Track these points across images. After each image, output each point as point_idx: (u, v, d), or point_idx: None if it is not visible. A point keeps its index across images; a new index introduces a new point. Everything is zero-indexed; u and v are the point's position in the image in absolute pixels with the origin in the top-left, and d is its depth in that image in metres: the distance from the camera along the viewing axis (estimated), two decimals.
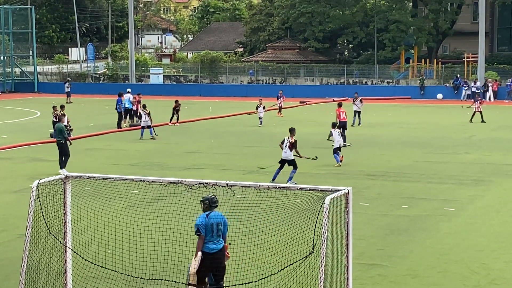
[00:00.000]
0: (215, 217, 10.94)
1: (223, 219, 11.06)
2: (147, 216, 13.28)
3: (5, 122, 42.67)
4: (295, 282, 10.90)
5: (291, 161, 21.76)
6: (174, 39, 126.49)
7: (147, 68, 76.38)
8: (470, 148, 30.53)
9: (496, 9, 73.00)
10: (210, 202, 10.98)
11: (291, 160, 21.74)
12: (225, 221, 11.09)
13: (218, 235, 10.94)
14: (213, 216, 10.93)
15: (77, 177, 11.53)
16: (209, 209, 10.98)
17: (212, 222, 10.87)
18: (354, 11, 75.50)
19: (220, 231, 10.95)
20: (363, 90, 63.66)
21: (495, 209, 18.93)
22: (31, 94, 68.78)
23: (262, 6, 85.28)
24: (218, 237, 10.95)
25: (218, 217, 10.99)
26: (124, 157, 28.39)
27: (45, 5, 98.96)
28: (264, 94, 65.01)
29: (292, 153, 21.76)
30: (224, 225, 11.05)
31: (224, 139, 33.95)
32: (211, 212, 10.96)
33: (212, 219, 10.90)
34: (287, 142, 21.70)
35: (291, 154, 21.71)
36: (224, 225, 11.07)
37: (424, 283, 12.90)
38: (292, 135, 21.81)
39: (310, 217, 10.33)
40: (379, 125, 39.85)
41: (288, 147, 21.64)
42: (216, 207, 11.05)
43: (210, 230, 10.85)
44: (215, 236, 10.90)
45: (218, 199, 11.07)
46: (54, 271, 11.39)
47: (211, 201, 10.99)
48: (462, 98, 58.96)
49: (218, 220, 10.95)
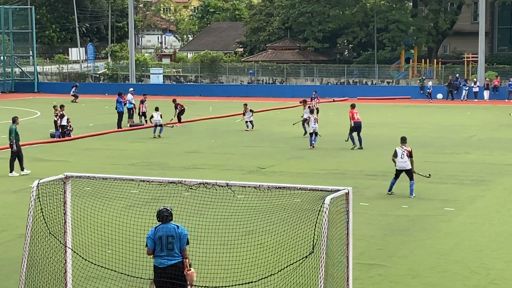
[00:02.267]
0: (164, 229, 10.44)
1: (176, 231, 10.45)
2: (147, 216, 13.27)
3: (5, 122, 42.64)
4: (295, 282, 10.90)
5: (408, 171, 20.39)
6: (174, 39, 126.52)
7: (147, 68, 76.39)
8: (470, 148, 30.53)
9: (496, 9, 73.00)
10: (159, 215, 10.56)
11: (409, 170, 20.37)
12: (180, 234, 10.45)
13: (169, 249, 10.40)
14: (162, 228, 10.46)
15: (77, 177, 11.52)
16: (161, 222, 10.54)
17: (160, 234, 10.42)
18: (354, 11, 75.51)
19: (171, 244, 10.39)
20: (363, 90, 63.72)
21: (495, 209, 18.93)
22: (31, 94, 68.78)
23: (262, 6, 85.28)
24: (169, 251, 10.40)
25: (169, 230, 10.43)
26: (124, 157, 28.39)
27: (45, 5, 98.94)
28: (264, 94, 65.18)
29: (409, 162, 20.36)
30: (179, 238, 10.43)
31: (224, 139, 33.95)
32: (161, 225, 10.52)
33: (160, 232, 10.44)
34: (403, 151, 20.37)
35: (409, 163, 20.31)
36: (180, 238, 10.44)
37: (424, 283, 12.90)
38: (404, 144, 20.52)
39: (310, 217, 10.33)
40: (379, 125, 39.82)
41: (406, 155, 20.30)
42: (168, 220, 10.51)
43: (158, 243, 10.42)
44: (165, 250, 10.40)
45: (170, 211, 10.55)
46: (54, 271, 11.38)
47: (160, 214, 10.54)
48: (462, 98, 58.96)
49: (169, 232, 10.42)
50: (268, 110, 49.36)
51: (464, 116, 45.75)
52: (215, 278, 11.71)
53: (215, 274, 11.81)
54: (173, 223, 10.58)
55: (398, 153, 20.51)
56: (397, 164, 20.53)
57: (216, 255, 12.16)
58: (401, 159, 20.41)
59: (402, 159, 20.39)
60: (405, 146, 20.52)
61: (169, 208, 10.67)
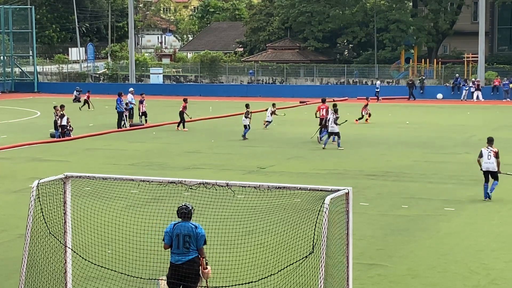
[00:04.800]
0: (182, 228, 10.48)
1: (194, 231, 10.46)
2: (147, 216, 13.27)
3: (5, 122, 42.67)
4: (295, 282, 10.90)
5: (494, 172, 19.99)
6: (174, 39, 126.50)
7: (147, 68, 76.39)
8: (470, 148, 30.49)
9: (496, 9, 73.02)
10: (178, 212, 10.61)
11: (495, 171, 19.97)
12: (197, 234, 10.47)
13: (186, 247, 10.43)
14: (181, 226, 10.49)
15: (77, 177, 11.52)
16: (181, 219, 10.58)
17: (177, 232, 10.45)
18: (354, 11, 75.52)
19: (187, 243, 10.42)
20: (363, 90, 63.68)
21: (495, 209, 18.93)
22: (31, 94, 68.78)
23: (262, 6, 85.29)
24: (186, 249, 10.44)
25: (187, 229, 10.47)
26: (124, 157, 28.39)
27: (45, 5, 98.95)
28: (264, 94, 65.16)
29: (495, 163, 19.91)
30: (196, 238, 10.45)
31: (224, 139, 33.94)
32: (180, 222, 10.55)
33: (178, 229, 10.48)
34: (489, 152, 19.97)
35: (495, 165, 19.91)
36: (197, 238, 10.46)
37: (424, 283, 12.90)
38: (491, 144, 20.11)
39: (310, 217, 10.32)
40: (379, 125, 39.83)
41: (493, 156, 19.92)
42: (187, 218, 10.55)
43: (175, 241, 10.46)
44: (181, 248, 10.43)
45: (190, 210, 10.58)
46: (54, 271, 11.38)
47: (179, 211, 10.58)
48: (462, 98, 58.97)
49: (186, 232, 10.45)
50: (267, 110, 49.25)
51: (464, 116, 45.75)
52: (215, 278, 11.70)
53: (215, 274, 11.79)
54: (192, 223, 10.59)
55: (484, 154, 20.06)
56: (483, 165, 20.05)
57: (216, 255, 12.16)
58: (488, 160, 19.94)
59: (489, 160, 19.92)
60: (492, 147, 20.04)
61: (190, 206, 10.65)
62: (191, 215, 10.61)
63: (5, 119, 44.56)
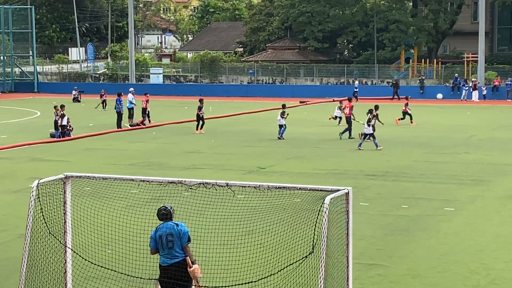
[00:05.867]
0: (164, 228, 10.40)
1: (176, 229, 10.36)
2: (147, 216, 13.27)
3: (5, 122, 42.67)
4: (295, 282, 10.89)
5: None
6: (174, 39, 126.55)
7: (147, 68, 76.41)
8: (470, 148, 30.52)
9: (496, 9, 73.04)
10: (158, 214, 10.55)
11: None
12: (179, 231, 10.34)
13: (169, 247, 10.34)
14: (162, 227, 10.42)
15: (77, 177, 11.51)
16: (162, 221, 10.53)
17: (160, 234, 10.39)
18: (354, 11, 75.55)
19: (171, 242, 10.32)
20: (363, 90, 63.67)
21: (495, 209, 18.92)
22: (31, 94, 68.78)
23: (262, 6, 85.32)
24: (169, 249, 10.34)
25: (169, 228, 10.36)
26: (124, 157, 28.38)
27: (45, 5, 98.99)
28: (264, 94, 65.19)
29: None
30: (178, 236, 10.34)
31: (224, 139, 33.94)
32: (161, 224, 10.51)
33: (160, 231, 10.41)
34: None
35: None
36: (180, 236, 10.34)
37: (424, 283, 12.89)
38: None
39: (310, 217, 10.32)
40: (379, 125, 39.78)
41: None
42: (168, 218, 10.48)
43: (159, 243, 10.40)
44: (166, 248, 10.36)
45: (170, 210, 10.49)
46: (54, 271, 11.38)
47: (159, 213, 10.53)
48: (462, 98, 58.98)
49: (168, 231, 10.34)
50: (268, 110, 49.31)
51: (464, 116, 45.75)
52: (215, 278, 11.71)
53: (215, 274, 11.80)
54: (173, 222, 10.51)
55: None
56: None
57: (216, 255, 12.16)
58: None
59: None
60: None
61: (169, 206, 10.61)
62: (171, 215, 10.54)
63: (5, 119, 44.56)
